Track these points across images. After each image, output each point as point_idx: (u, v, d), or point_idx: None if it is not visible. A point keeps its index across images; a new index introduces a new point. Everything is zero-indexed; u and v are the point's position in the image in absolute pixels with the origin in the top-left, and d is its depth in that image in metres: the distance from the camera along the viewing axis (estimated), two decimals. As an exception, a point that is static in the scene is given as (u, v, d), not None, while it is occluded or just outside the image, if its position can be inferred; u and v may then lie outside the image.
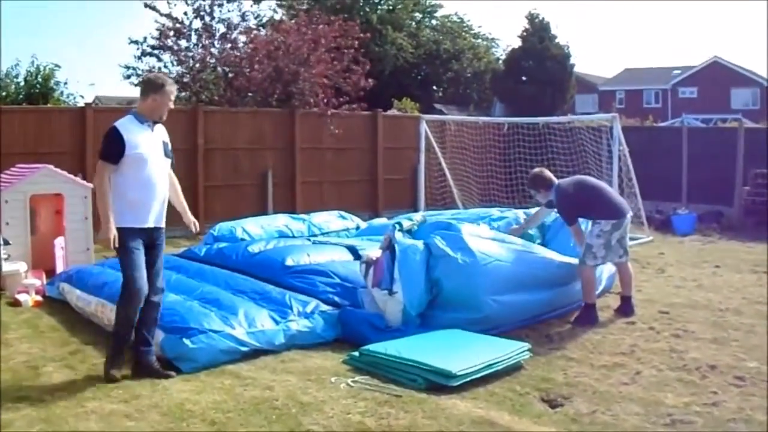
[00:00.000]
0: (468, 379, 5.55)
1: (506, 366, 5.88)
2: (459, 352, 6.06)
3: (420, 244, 7.16)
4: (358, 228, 11.09)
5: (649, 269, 10.67)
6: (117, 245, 5.74)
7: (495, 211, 10.09)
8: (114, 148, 5.72)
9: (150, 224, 5.92)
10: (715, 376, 5.86)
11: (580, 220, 7.93)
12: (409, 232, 7.62)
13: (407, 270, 6.92)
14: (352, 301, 7.23)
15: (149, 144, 5.87)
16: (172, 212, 14.62)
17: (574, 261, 7.85)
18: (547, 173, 8.12)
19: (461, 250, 7.03)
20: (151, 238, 5.95)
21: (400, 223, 7.60)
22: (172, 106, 6.05)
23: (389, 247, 7.16)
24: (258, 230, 10.19)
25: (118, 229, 5.71)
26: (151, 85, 5.96)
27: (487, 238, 7.41)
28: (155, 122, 5.97)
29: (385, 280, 6.91)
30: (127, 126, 5.82)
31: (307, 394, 5.39)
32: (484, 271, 7.00)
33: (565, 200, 7.81)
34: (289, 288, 7.42)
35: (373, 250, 7.37)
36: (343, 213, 11.56)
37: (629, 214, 7.91)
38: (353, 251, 8.77)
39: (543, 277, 7.58)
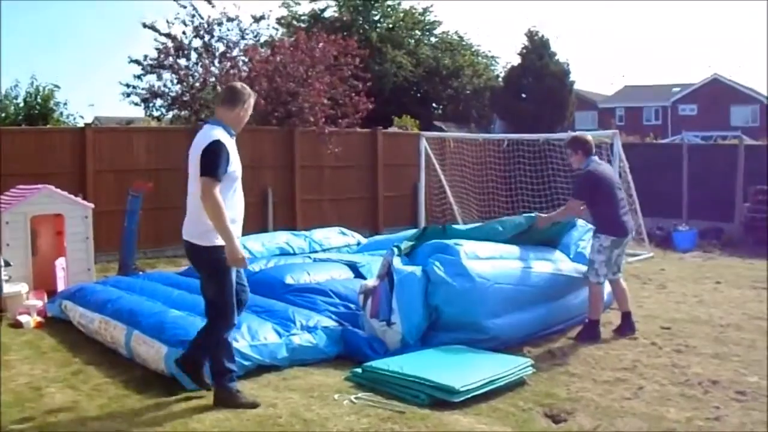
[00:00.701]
0: (471, 394, 5.55)
1: (509, 382, 5.89)
2: (462, 368, 6.06)
3: (418, 271, 7.02)
4: (359, 244, 11.09)
5: (651, 285, 10.68)
6: (216, 266, 5.43)
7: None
8: (224, 164, 5.33)
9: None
10: (716, 391, 5.89)
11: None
12: (408, 255, 7.43)
13: (405, 299, 6.84)
14: (352, 321, 7.21)
15: (238, 159, 5.60)
16: (174, 230, 14.55)
17: (573, 271, 7.87)
18: (591, 140, 7.93)
19: (460, 275, 6.93)
20: None
21: (398, 247, 7.45)
22: None
23: (387, 273, 7.07)
24: (259, 247, 10.20)
25: (217, 249, 5.41)
26: (239, 95, 5.68)
27: (486, 258, 7.28)
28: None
29: (383, 311, 6.83)
30: (225, 139, 5.46)
31: (311, 411, 5.40)
32: (483, 296, 6.96)
33: (588, 178, 7.71)
34: (290, 307, 7.41)
35: (370, 280, 7.29)
36: (343, 229, 11.58)
37: (630, 235, 7.88)
38: (354, 268, 8.77)
39: (542, 293, 7.55)
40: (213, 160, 5.32)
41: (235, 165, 5.48)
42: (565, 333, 7.72)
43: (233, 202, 5.49)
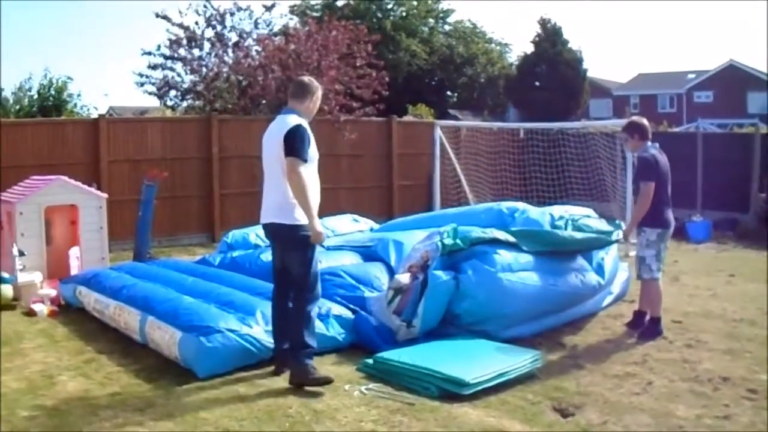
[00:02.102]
0: (481, 387, 5.56)
1: (519, 374, 5.89)
2: (472, 360, 6.06)
3: (450, 278, 6.91)
4: (372, 230, 11.04)
5: (663, 277, 10.46)
6: (301, 242, 5.80)
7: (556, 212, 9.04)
8: (307, 146, 5.76)
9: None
10: (727, 389, 5.82)
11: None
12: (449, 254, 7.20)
13: (432, 307, 6.81)
14: (362, 304, 7.21)
15: (315, 146, 5.95)
16: (188, 219, 14.55)
17: (595, 283, 7.85)
18: (648, 125, 7.75)
19: (489, 289, 6.86)
20: None
21: (444, 243, 7.17)
22: None
23: (423, 268, 6.97)
24: None
25: (301, 226, 5.77)
26: (307, 89, 6.07)
27: (519, 270, 7.19)
28: None
29: (408, 312, 6.77)
30: (305, 124, 5.87)
31: (321, 401, 5.43)
32: (505, 311, 6.97)
33: (650, 161, 7.41)
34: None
35: (404, 275, 7.10)
36: (356, 216, 11.57)
37: (672, 227, 7.64)
38: (366, 255, 8.73)
39: (559, 307, 7.56)
40: (298, 142, 5.69)
41: (314, 151, 5.86)
42: (575, 325, 7.71)
43: (312, 185, 5.81)
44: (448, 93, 35.87)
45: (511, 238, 7.42)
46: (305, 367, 5.76)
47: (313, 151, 5.84)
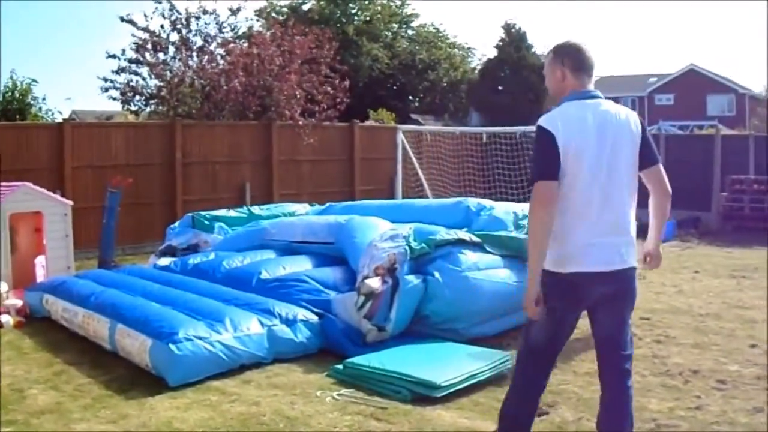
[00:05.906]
0: (452, 389, 5.58)
1: (489, 376, 5.92)
2: (442, 363, 6.08)
3: (420, 282, 6.94)
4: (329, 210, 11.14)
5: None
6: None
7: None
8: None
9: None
10: (697, 381, 5.94)
11: None
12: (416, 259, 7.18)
13: (403, 311, 6.83)
14: (328, 307, 7.18)
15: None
16: (151, 226, 14.33)
17: None
18: None
19: (456, 288, 6.91)
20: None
21: (411, 247, 7.14)
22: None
23: (390, 271, 6.91)
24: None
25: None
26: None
27: (484, 268, 7.26)
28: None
29: (380, 317, 6.74)
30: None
31: (294, 408, 5.41)
32: (472, 310, 7.02)
33: None
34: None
35: (372, 279, 6.94)
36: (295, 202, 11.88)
37: None
38: (326, 254, 8.69)
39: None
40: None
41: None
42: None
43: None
44: (410, 97, 35.83)
45: (476, 239, 7.48)
46: None
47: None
